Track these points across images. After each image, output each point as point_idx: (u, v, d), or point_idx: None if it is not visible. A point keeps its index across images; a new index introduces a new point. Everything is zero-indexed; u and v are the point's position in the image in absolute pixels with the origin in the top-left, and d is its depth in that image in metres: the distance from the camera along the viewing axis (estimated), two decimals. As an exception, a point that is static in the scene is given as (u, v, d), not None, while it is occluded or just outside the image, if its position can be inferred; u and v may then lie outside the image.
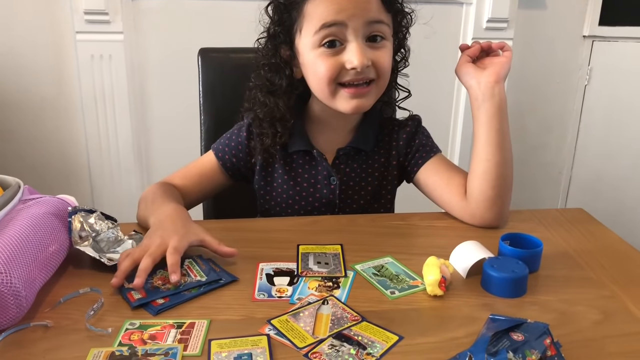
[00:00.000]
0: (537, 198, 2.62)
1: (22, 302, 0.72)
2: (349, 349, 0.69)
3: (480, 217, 1.03)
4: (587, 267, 0.91)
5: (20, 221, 0.81)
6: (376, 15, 0.97)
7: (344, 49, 0.97)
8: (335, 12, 0.95)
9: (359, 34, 0.96)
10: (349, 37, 0.96)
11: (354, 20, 0.95)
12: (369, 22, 0.97)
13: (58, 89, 2.13)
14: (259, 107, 1.08)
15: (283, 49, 1.05)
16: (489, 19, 2.18)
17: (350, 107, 1.01)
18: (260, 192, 1.15)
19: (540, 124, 2.51)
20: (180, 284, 0.81)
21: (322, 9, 0.96)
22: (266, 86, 1.07)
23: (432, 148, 1.14)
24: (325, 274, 0.86)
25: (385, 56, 1.00)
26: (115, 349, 0.68)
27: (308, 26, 0.98)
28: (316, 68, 0.99)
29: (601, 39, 2.40)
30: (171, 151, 2.21)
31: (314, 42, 0.98)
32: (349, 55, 0.97)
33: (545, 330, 0.68)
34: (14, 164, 2.18)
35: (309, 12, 0.98)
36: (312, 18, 0.97)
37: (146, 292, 0.80)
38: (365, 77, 0.99)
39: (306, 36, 0.99)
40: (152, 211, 0.97)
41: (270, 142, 1.08)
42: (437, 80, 2.30)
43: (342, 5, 0.95)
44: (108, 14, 1.99)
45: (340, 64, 0.98)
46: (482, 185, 1.02)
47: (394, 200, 1.18)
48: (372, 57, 0.98)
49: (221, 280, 0.83)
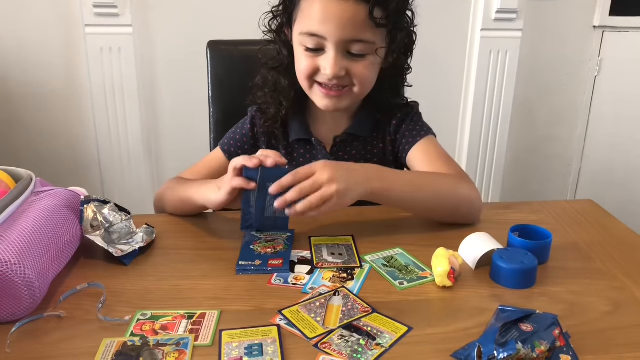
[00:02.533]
0: (547, 189, 2.61)
1: (36, 293, 0.73)
2: (358, 339, 0.69)
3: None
4: (597, 258, 0.91)
5: (32, 213, 0.82)
6: (358, 34, 0.97)
7: (323, 54, 1.00)
8: (319, 23, 0.96)
9: (338, 48, 0.98)
10: (328, 46, 0.98)
11: (334, 37, 0.97)
12: (349, 40, 0.98)
13: (68, 82, 2.14)
14: (264, 82, 1.12)
15: (286, 29, 1.08)
16: (498, 10, 2.16)
17: (324, 105, 1.05)
18: None
19: (550, 115, 2.49)
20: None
21: (310, 13, 0.98)
22: (271, 62, 1.11)
23: (421, 131, 1.12)
24: (341, 264, 0.87)
25: (363, 68, 1.01)
26: (128, 339, 0.69)
27: (299, 21, 1.01)
28: (298, 61, 1.04)
29: (612, 29, 2.37)
30: (180, 143, 2.22)
31: (300, 40, 1.01)
32: (325, 63, 0.99)
33: (554, 321, 0.69)
34: (25, 156, 2.20)
35: (302, 8, 1.00)
36: (303, 16, 1.00)
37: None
38: (338, 84, 1.01)
39: (296, 29, 1.02)
40: (196, 187, 1.01)
41: (273, 112, 1.11)
42: (446, 72, 2.30)
43: (327, 16, 0.96)
44: (117, 7, 2.00)
45: (316, 66, 1.01)
46: (430, 218, 1.03)
47: None
48: (348, 67, 1.00)
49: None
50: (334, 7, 0.95)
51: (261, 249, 0.90)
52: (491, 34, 2.22)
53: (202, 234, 0.99)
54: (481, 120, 2.33)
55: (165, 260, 0.90)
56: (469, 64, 2.29)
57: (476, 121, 2.33)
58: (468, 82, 2.32)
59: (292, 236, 0.95)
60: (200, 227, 1.01)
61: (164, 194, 1.08)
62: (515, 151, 2.49)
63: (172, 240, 0.97)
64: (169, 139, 2.26)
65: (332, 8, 0.95)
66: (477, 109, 2.31)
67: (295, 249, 0.92)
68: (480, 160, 2.40)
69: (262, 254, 0.89)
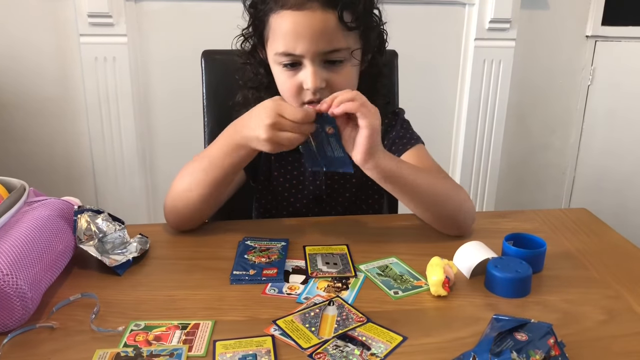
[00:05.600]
0: (541, 198, 2.61)
1: (28, 304, 0.72)
2: (353, 349, 0.69)
3: (440, 230, 1.03)
4: (591, 267, 0.91)
5: (25, 223, 0.81)
6: (332, 44, 0.96)
7: (301, 69, 0.98)
8: (292, 40, 0.95)
9: (315, 60, 0.97)
10: (305, 61, 0.97)
11: (310, 52, 0.95)
12: (324, 52, 0.97)
13: (62, 91, 2.13)
14: (244, 99, 1.10)
15: (259, 49, 1.06)
16: (491, 20, 2.18)
17: None
18: (259, 187, 1.17)
19: (543, 124, 2.50)
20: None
21: (281, 31, 0.96)
22: (250, 82, 1.09)
23: (411, 139, 1.12)
24: (335, 274, 0.87)
25: (341, 78, 1.00)
26: (121, 350, 0.68)
27: (271, 41, 0.99)
28: (279, 81, 1.02)
29: (604, 38, 2.39)
30: (175, 153, 2.21)
31: (275, 59, 1.00)
32: (304, 77, 0.97)
33: (549, 330, 0.69)
34: (19, 166, 2.19)
35: (273, 26, 0.98)
36: (274, 35, 0.98)
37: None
38: (320, 98, 0.98)
39: (270, 49, 1.01)
40: (221, 139, 0.98)
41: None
42: (440, 81, 2.30)
43: (298, 33, 0.94)
44: (112, 16, 2.00)
45: (299, 82, 0.99)
46: (425, 219, 1.03)
47: (383, 195, 1.19)
48: (327, 78, 0.98)
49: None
50: (304, 22, 0.94)
51: (255, 259, 0.90)
52: (485, 44, 2.23)
53: (196, 244, 0.98)
54: (475, 129, 2.34)
55: (159, 270, 0.89)
56: (463, 73, 2.30)
57: (470, 130, 2.34)
58: (462, 91, 2.33)
59: (286, 245, 0.95)
60: (194, 236, 1.01)
61: (180, 187, 1.00)
62: (509, 160, 2.49)
63: (166, 250, 0.96)
64: (163, 149, 2.25)
65: (301, 23, 0.94)
66: (471, 118, 2.32)
67: (289, 259, 0.91)
68: (474, 168, 2.41)
69: (257, 264, 0.89)
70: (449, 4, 2.21)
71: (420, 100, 2.24)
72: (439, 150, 1.10)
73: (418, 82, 2.21)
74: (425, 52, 2.21)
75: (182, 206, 0.99)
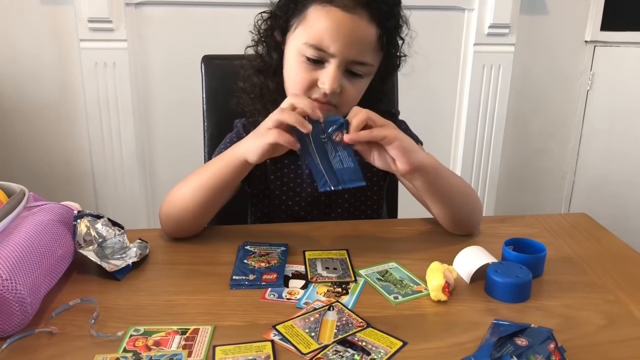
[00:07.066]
0: (541, 203, 2.61)
1: (27, 309, 0.72)
2: (352, 354, 0.69)
3: (452, 230, 1.04)
4: (591, 272, 0.91)
5: (25, 228, 0.81)
6: (362, 56, 0.98)
7: (323, 67, 0.98)
8: (328, 37, 0.95)
9: (340, 65, 0.97)
10: (330, 61, 0.97)
11: (341, 54, 0.96)
12: (354, 61, 0.98)
13: (62, 96, 2.14)
14: (250, 86, 1.10)
15: (277, 33, 1.06)
16: (490, 25, 2.18)
17: None
18: (254, 191, 1.17)
19: (542, 129, 2.51)
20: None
21: (318, 26, 0.96)
22: (257, 64, 1.08)
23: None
24: (335, 279, 0.87)
25: (354, 90, 1.01)
26: (120, 355, 0.68)
27: (302, 30, 0.99)
28: (294, 72, 1.01)
29: (603, 44, 2.40)
30: (175, 158, 2.22)
31: (300, 49, 0.99)
32: (324, 77, 0.98)
33: (549, 335, 0.69)
34: (18, 171, 2.19)
35: (309, 18, 0.98)
36: (308, 26, 0.98)
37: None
38: (329, 101, 1.00)
39: (297, 37, 1.00)
40: (220, 156, 0.99)
41: (262, 121, 1.09)
42: (440, 86, 2.30)
43: (338, 32, 0.94)
44: (112, 22, 2.00)
45: (314, 79, 0.99)
46: (445, 222, 1.04)
47: (383, 197, 1.19)
48: (342, 86, 0.99)
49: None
50: (349, 24, 0.94)
51: (255, 264, 0.90)
52: (484, 49, 2.24)
53: (196, 249, 0.98)
54: (474, 134, 2.34)
55: (159, 275, 0.89)
56: (462, 78, 2.30)
57: (470, 135, 2.34)
58: (461, 97, 2.33)
59: (286, 250, 0.95)
60: (193, 242, 1.01)
61: (177, 194, 1.01)
62: (509, 165, 2.50)
63: (166, 255, 0.96)
64: (163, 154, 2.25)
65: (346, 25, 0.94)
66: (470, 123, 2.32)
67: (289, 264, 0.91)
68: (474, 173, 2.41)
69: (256, 269, 0.88)
70: (449, 9, 2.22)
71: (420, 105, 2.24)
72: (439, 155, 1.10)
73: (418, 87, 2.21)
74: (425, 57, 2.21)
75: (178, 213, 1.00)
